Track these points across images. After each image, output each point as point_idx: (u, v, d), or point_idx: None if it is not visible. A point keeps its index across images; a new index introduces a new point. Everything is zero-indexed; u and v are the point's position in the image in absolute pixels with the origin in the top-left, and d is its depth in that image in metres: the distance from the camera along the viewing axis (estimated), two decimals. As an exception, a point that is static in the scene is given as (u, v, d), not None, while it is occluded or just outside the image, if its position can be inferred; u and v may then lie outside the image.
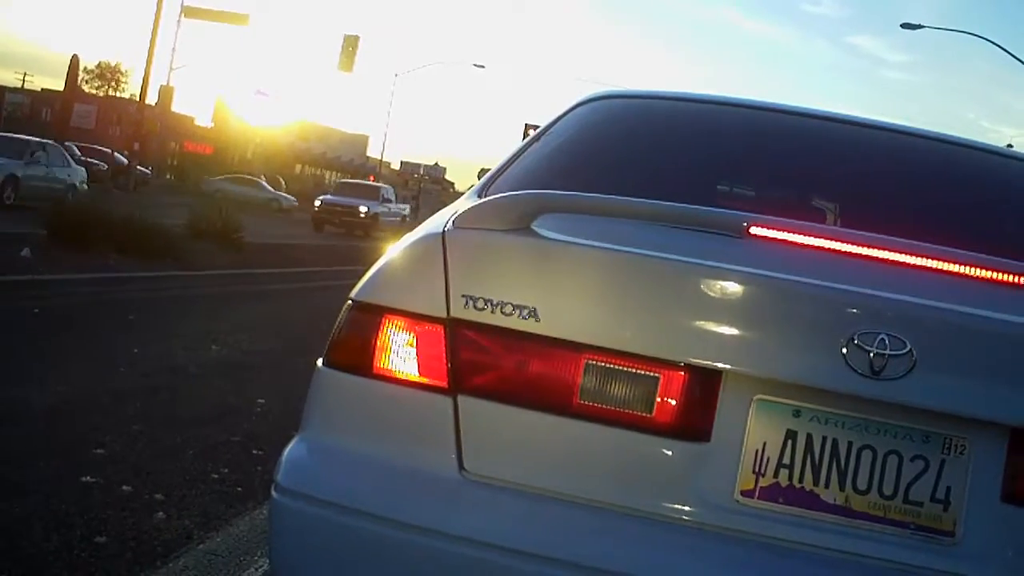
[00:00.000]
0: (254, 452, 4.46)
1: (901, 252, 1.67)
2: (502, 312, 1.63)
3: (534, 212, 1.72)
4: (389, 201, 33.72)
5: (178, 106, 48.11)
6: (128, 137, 36.22)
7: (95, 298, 8.68)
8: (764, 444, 1.58)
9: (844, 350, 1.52)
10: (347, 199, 31.11)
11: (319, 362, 1.81)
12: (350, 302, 1.78)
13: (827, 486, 1.57)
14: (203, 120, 62.57)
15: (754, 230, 1.68)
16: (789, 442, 1.58)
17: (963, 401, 1.53)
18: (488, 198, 1.81)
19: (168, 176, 50.13)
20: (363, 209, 30.45)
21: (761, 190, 2.55)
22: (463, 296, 1.65)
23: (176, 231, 13.34)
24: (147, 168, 37.30)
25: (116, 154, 37.36)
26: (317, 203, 31.55)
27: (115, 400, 5.03)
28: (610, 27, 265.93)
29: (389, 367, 1.69)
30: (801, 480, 1.58)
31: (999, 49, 26.77)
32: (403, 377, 1.68)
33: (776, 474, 1.58)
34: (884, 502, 1.57)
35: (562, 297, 1.63)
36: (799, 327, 1.56)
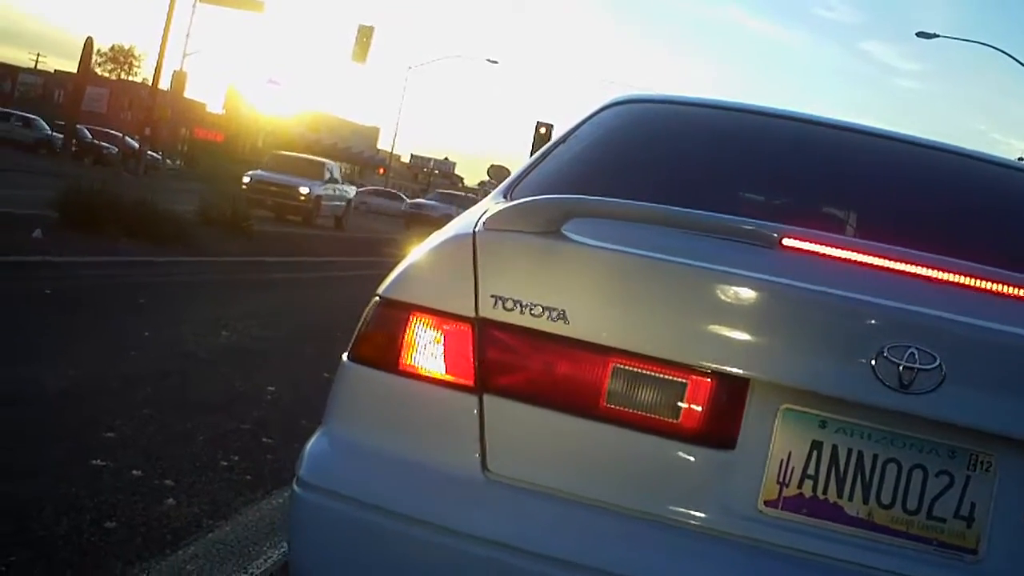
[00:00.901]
0: (264, 440, 4.45)
1: (932, 267, 1.67)
2: (531, 313, 1.63)
3: (564, 216, 1.72)
4: (335, 181, 26.51)
5: (190, 92, 48.13)
6: (139, 122, 36.23)
7: (106, 281, 8.69)
8: (789, 454, 1.58)
9: (873, 362, 1.52)
10: (284, 177, 24.12)
11: (344, 356, 1.81)
12: (378, 298, 1.78)
13: (851, 499, 1.57)
14: (215, 107, 62.78)
15: (787, 241, 1.68)
16: (814, 453, 1.58)
17: (991, 417, 1.53)
18: (518, 201, 1.80)
19: (178, 162, 50.26)
20: (303, 191, 23.86)
21: (788, 199, 2.54)
22: (492, 296, 1.65)
23: (187, 217, 13.36)
24: (157, 153, 37.37)
25: (127, 138, 37.39)
26: (246, 179, 24.36)
27: (125, 384, 5.04)
28: (623, 27, 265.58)
29: (415, 364, 1.69)
30: (825, 492, 1.57)
31: (1014, 61, 26.70)
32: (429, 375, 1.68)
33: (800, 485, 1.58)
34: (907, 517, 1.56)
35: (591, 300, 1.63)
36: (829, 338, 1.55)
